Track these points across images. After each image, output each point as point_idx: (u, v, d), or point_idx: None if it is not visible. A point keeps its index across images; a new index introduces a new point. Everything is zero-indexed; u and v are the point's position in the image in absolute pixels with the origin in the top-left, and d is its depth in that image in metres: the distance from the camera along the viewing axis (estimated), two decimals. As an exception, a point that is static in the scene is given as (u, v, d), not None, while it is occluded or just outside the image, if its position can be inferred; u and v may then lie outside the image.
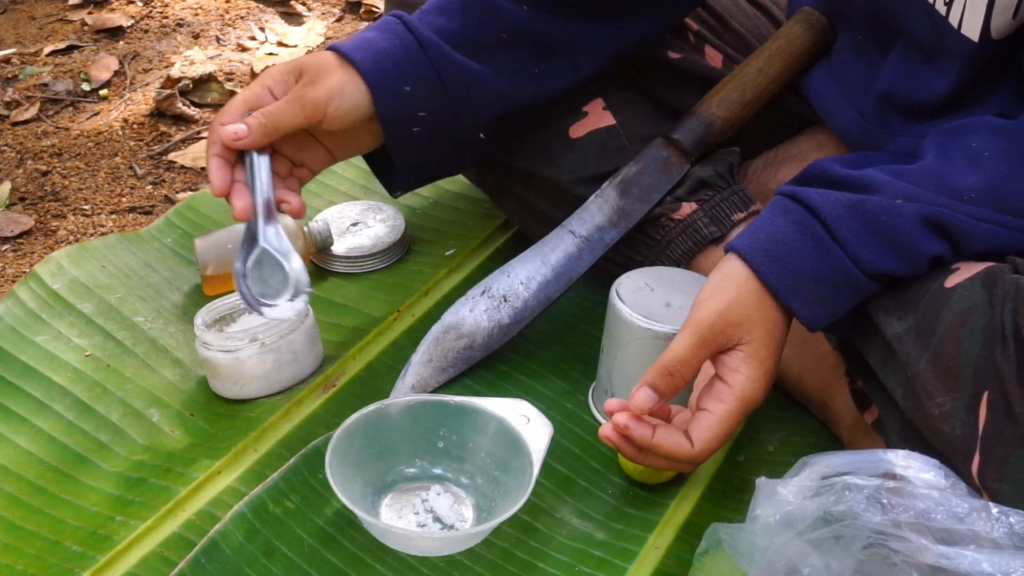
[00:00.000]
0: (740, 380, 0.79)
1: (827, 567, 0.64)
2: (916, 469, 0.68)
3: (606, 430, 0.81)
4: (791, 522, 0.67)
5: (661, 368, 0.79)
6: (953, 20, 0.83)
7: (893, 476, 0.68)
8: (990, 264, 0.75)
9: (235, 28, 1.88)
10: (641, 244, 1.04)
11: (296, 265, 0.90)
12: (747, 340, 0.79)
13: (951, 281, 0.75)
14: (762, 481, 0.71)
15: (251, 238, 0.90)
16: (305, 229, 1.17)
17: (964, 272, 0.75)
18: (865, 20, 0.96)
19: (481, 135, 0.99)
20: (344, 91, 0.92)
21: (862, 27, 0.97)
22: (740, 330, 0.79)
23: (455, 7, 0.97)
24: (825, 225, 0.78)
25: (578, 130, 1.05)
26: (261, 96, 0.91)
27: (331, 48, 0.94)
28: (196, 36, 1.85)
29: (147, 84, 1.71)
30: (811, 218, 0.79)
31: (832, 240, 0.78)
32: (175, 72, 1.69)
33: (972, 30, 0.82)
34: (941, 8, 0.83)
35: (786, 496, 0.68)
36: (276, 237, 0.90)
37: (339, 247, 1.20)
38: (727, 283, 0.80)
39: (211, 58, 1.78)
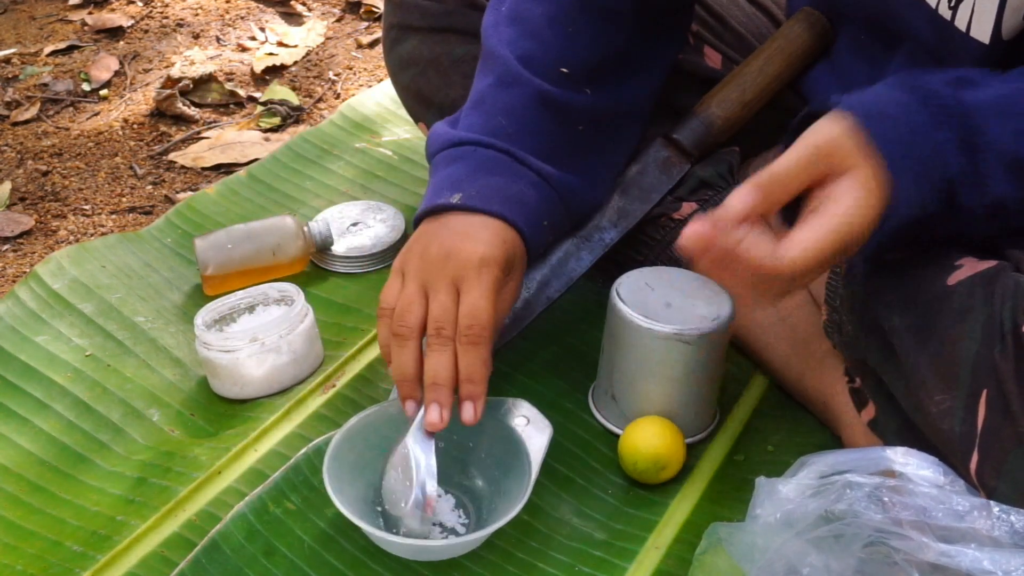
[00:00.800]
0: (848, 200, 0.70)
1: (827, 567, 0.65)
2: (915, 466, 0.68)
3: (685, 238, 0.70)
4: (791, 521, 0.67)
5: (765, 176, 0.71)
6: (960, 24, 0.82)
7: (892, 473, 0.68)
8: (993, 262, 0.75)
9: (235, 28, 1.88)
10: (641, 244, 1.04)
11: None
12: (856, 167, 0.71)
13: (953, 279, 0.75)
14: (762, 480, 0.71)
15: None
16: (305, 229, 1.17)
17: (967, 270, 0.75)
18: (865, 22, 0.96)
19: None
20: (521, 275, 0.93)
21: (863, 28, 0.97)
22: (849, 160, 0.71)
23: (530, 115, 0.94)
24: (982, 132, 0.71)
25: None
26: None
27: (514, 220, 0.89)
28: (196, 36, 1.85)
29: (147, 84, 1.71)
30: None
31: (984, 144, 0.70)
32: (175, 72, 1.69)
33: (982, 33, 0.81)
34: (946, 13, 0.83)
35: (786, 495, 0.68)
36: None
37: (339, 247, 1.20)
38: (836, 124, 0.72)
39: (211, 58, 1.78)
